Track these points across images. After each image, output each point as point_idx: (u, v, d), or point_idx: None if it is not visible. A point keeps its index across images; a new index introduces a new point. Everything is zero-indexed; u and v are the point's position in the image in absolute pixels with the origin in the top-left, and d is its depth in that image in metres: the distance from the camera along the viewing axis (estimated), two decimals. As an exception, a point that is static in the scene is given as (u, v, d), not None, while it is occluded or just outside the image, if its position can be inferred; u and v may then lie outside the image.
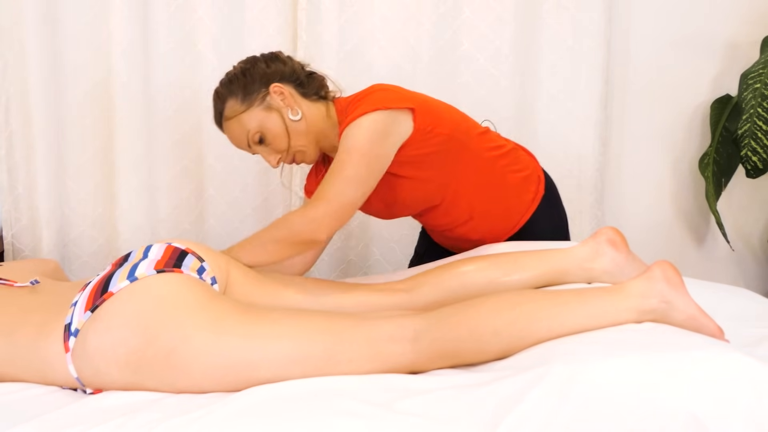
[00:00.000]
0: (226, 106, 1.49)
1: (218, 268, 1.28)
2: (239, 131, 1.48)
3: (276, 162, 1.50)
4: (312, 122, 1.50)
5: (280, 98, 1.47)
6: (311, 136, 1.51)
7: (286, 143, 1.48)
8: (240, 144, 1.51)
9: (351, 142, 1.39)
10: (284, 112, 1.47)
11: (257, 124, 1.46)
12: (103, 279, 1.15)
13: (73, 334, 1.10)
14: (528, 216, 1.63)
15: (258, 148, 1.50)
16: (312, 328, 1.10)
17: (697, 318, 1.09)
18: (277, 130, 1.47)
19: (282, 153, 1.50)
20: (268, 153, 1.50)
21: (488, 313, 1.10)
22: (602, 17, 2.14)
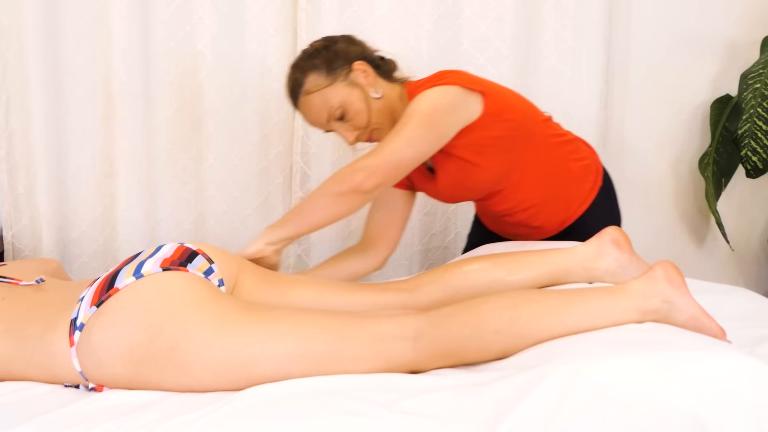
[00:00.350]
0: (307, 80, 1.48)
1: (228, 270, 1.28)
2: (321, 106, 1.48)
3: (354, 139, 1.52)
4: (389, 102, 1.53)
5: (363, 76, 1.49)
6: (388, 115, 1.53)
7: (367, 120, 1.50)
8: (318, 119, 1.51)
9: (415, 106, 1.43)
10: (366, 90, 1.49)
11: (341, 99, 1.47)
12: (110, 275, 1.17)
13: (78, 329, 1.11)
14: (586, 205, 1.66)
15: (337, 125, 1.51)
16: (314, 326, 1.10)
17: (698, 318, 1.09)
18: (360, 106, 1.48)
19: (360, 130, 1.52)
20: (347, 129, 1.51)
21: (490, 313, 1.11)
22: (602, 17, 2.14)
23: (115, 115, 2.05)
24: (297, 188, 2.18)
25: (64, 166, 2.08)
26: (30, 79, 1.97)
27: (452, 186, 1.58)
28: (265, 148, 2.17)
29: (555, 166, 1.61)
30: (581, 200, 1.66)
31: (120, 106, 2.04)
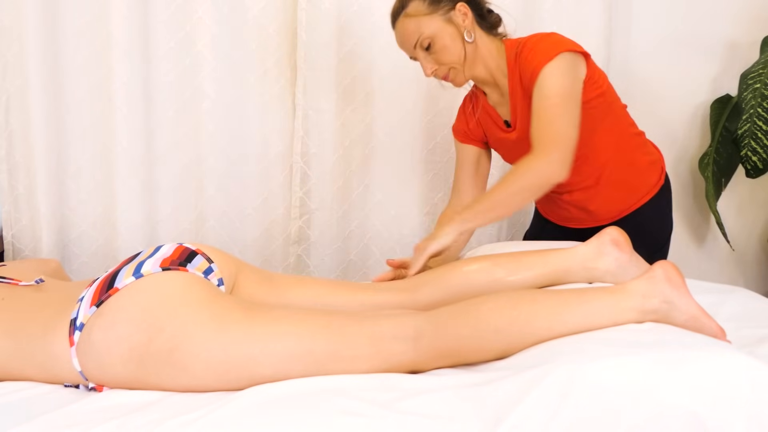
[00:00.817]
0: (411, 3, 1.53)
1: (227, 270, 1.29)
2: (413, 31, 1.53)
3: (431, 72, 1.56)
4: (480, 52, 1.57)
5: (462, 18, 1.53)
6: (473, 63, 1.57)
7: (450, 59, 1.54)
8: (407, 43, 1.56)
9: (552, 85, 1.46)
10: (461, 31, 1.53)
11: (433, 31, 1.52)
12: (110, 275, 1.17)
13: (78, 329, 1.11)
14: (645, 200, 1.69)
15: (422, 54, 1.55)
16: (313, 326, 1.10)
17: (698, 318, 1.09)
18: (449, 43, 1.53)
19: (441, 66, 1.56)
20: (429, 61, 1.56)
21: (489, 313, 1.11)
22: (602, 17, 2.15)
23: (115, 115, 2.05)
24: (297, 188, 2.18)
25: (64, 166, 2.08)
26: (30, 79, 1.97)
27: (527, 140, 1.58)
28: (265, 148, 2.17)
29: (624, 152, 1.65)
30: (642, 194, 1.68)
31: (120, 106, 2.04)
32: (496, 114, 1.66)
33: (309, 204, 2.21)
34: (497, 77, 1.60)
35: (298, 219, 2.21)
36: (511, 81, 1.57)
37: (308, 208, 2.21)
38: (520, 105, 1.57)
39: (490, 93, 1.66)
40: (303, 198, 2.19)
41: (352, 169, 2.22)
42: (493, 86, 1.63)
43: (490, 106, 1.67)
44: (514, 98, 1.58)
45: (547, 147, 1.45)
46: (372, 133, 2.19)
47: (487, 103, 1.67)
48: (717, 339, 1.06)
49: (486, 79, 1.62)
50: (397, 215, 2.25)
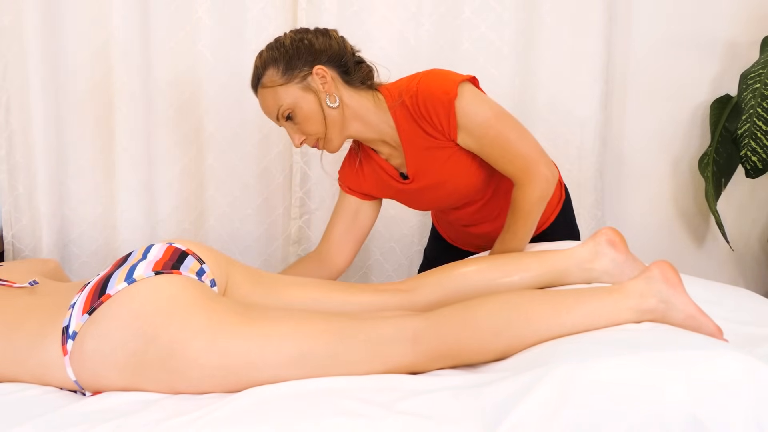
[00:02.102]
0: (265, 74, 1.44)
1: (218, 269, 1.27)
2: (272, 102, 1.44)
3: (299, 142, 1.47)
4: (351, 112, 1.46)
5: (321, 81, 1.42)
6: (343, 126, 1.47)
7: (315, 128, 1.45)
8: (269, 114, 1.48)
9: (478, 116, 1.41)
10: (322, 97, 1.43)
11: (291, 101, 1.42)
12: (101, 280, 1.15)
13: (71, 337, 1.09)
14: (552, 218, 1.67)
15: (285, 124, 1.47)
16: (312, 329, 1.10)
17: (695, 317, 1.09)
18: (310, 112, 1.43)
19: (308, 136, 1.47)
20: (294, 131, 1.47)
21: (488, 314, 1.11)
22: (602, 17, 2.14)
23: (115, 115, 2.05)
24: (297, 188, 2.18)
25: (64, 166, 2.09)
26: (30, 79, 1.97)
27: (431, 187, 1.54)
28: (265, 148, 2.17)
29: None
30: (548, 215, 1.66)
31: (120, 106, 2.04)
32: (389, 167, 1.55)
33: (309, 204, 2.21)
34: (383, 131, 1.49)
35: (298, 219, 2.21)
36: (403, 134, 1.47)
37: (308, 208, 2.21)
38: (421, 157, 1.49)
39: (378, 148, 1.55)
40: (303, 198, 2.19)
41: (352, 169, 2.22)
42: (381, 142, 1.52)
43: (382, 159, 1.56)
44: (410, 150, 1.49)
45: (527, 173, 1.42)
46: (372, 133, 2.19)
47: (379, 157, 1.56)
48: (714, 338, 1.06)
49: (369, 137, 1.50)
50: (396, 215, 2.25)
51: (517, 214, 1.46)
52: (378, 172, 1.58)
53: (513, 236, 1.47)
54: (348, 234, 1.62)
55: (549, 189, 1.45)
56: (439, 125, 1.43)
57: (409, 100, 1.44)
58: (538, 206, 1.45)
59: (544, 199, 1.46)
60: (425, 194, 1.56)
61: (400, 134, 1.48)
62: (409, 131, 1.47)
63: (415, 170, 1.52)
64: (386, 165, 1.56)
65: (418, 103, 1.43)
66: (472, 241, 1.72)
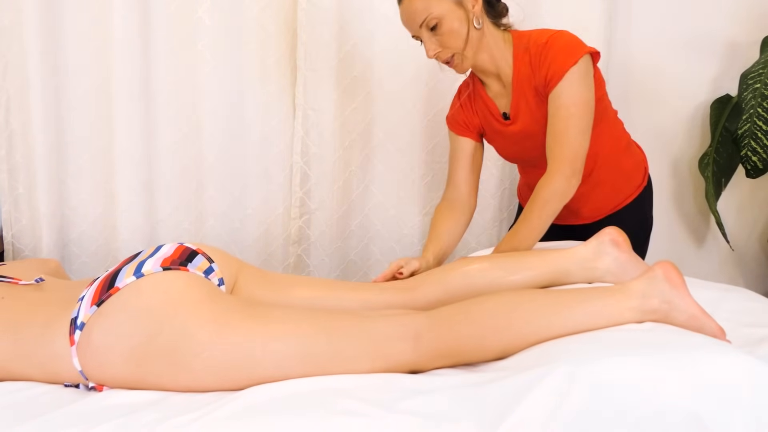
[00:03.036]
0: None
1: (228, 269, 1.28)
2: (422, 9, 1.47)
3: (433, 54, 1.51)
4: (485, 40, 1.53)
5: (473, 2, 1.48)
6: (478, 50, 1.53)
7: (456, 43, 1.50)
8: (412, 21, 1.50)
9: (572, 94, 1.46)
10: (470, 16, 1.49)
11: (442, 12, 1.46)
12: (110, 274, 1.17)
13: (78, 328, 1.11)
14: (629, 200, 1.71)
15: (426, 34, 1.50)
16: (314, 326, 1.10)
17: (698, 318, 1.09)
18: (457, 27, 1.48)
19: (445, 49, 1.51)
20: (433, 42, 1.50)
21: (489, 312, 1.11)
22: (602, 17, 2.15)
23: (115, 115, 2.06)
24: (297, 188, 2.18)
25: (64, 166, 2.09)
26: (30, 79, 1.98)
27: (524, 134, 1.59)
28: (265, 148, 2.17)
29: (614, 155, 1.65)
30: (626, 195, 1.70)
31: (120, 106, 2.05)
32: (493, 105, 1.63)
33: (309, 204, 2.21)
34: (501, 68, 1.57)
35: (298, 219, 2.21)
36: (516, 74, 1.55)
37: (308, 208, 2.21)
38: (524, 99, 1.55)
39: (489, 84, 1.62)
40: (303, 198, 2.19)
41: (352, 169, 2.22)
42: (495, 77, 1.60)
43: (489, 97, 1.64)
44: (518, 92, 1.56)
45: (563, 164, 1.46)
46: (372, 133, 2.19)
47: (486, 94, 1.64)
48: (717, 338, 1.06)
49: (488, 69, 1.58)
50: (397, 215, 2.25)
51: (535, 202, 1.48)
52: (483, 110, 1.65)
53: (527, 227, 1.49)
54: (471, 174, 1.70)
55: (569, 189, 1.48)
56: (546, 75, 1.48)
57: (535, 47, 1.51)
58: (555, 198, 1.47)
59: (564, 195, 1.48)
60: (519, 140, 1.61)
61: (514, 75, 1.55)
62: (523, 74, 1.54)
63: (516, 112, 1.58)
64: (491, 103, 1.63)
65: (543, 50, 1.49)
66: None
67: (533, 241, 1.50)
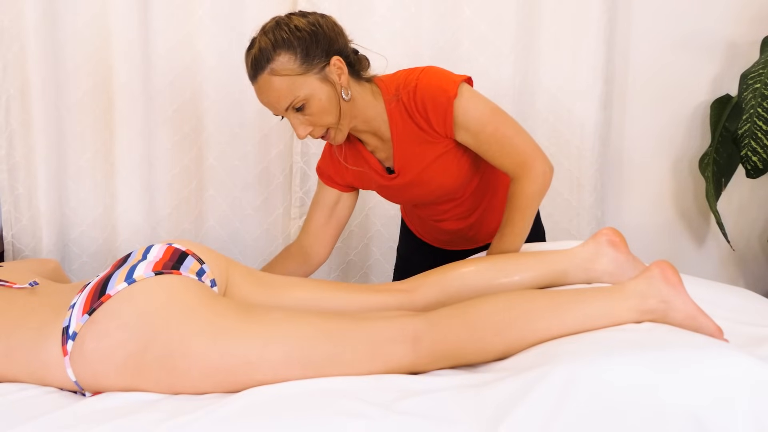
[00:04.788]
0: (277, 59, 1.32)
1: (218, 269, 1.26)
2: (285, 92, 1.34)
3: (305, 133, 1.39)
4: (356, 104, 1.42)
5: (338, 73, 1.37)
6: (351, 119, 1.43)
7: (329, 119, 1.39)
8: (276, 104, 1.37)
9: (476, 115, 1.41)
10: (338, 89, 1.38)
11: (308, 92, 1.34)
12: (101, 281, 1.14)
13: (71, 338, 1.08)
14: None
15: (293, 115, 1.38)
16: (312, 329, 1.09)
17: (696, 317, 1.09)
18: (326, 104, 1.36)
19: (317, 128, 1.40)
20: (302, 122, 1.38)
21: (488, 314, 1.10)
22: (602, 17, 2.15)
23: (115, 115, 2.06)
24: (297, 188, 2.18)
25: (64, 166, 2.09)
26: (30, 79, 1.98)
27: (414, 184, 1.52)
28: (265, 148, 2.17)
29: (502, 179, 1.61)
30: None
31: (120, 106, 2.05)
32: (375, 161, 1.53)
33: (309, 204, 2.20)
34: (377, 126, 1.47)
35: (298, 219, 2.21)
36: (395, 129, 1.46)
37: (308, 208, 2.21)
38: (409, 150, 1.47)
39: (367, 140, 1.51)
40: (303, 198, 2.19)
41: (352, 169, 2.22)
42: (371, 134, 1.49)
43: (368, 152, 1.53)
44: (400, 145, 1.47)
45: (524, 167, 1.43)
46: (372, 133, 2.19)
47: (365, 149, 1.53)
48: (715, 338, 1.06)
49: (363, 128, 1.47)
50: (397, 215, 2.25)
51: (515, 208, 1.46)
52: (362, 166, 1.56)
53: (511, 231, 1.47)
54: (327, 226, 1.62)
55: (545, 183, 1.45)
56: (435, 123, 1.42)
57: (406, 96, 1.42)
58: (534, 200, 1.45)
59: (541, 193, 1.46)
60: (408, 190, 1.56)
61: (392, 128, 1.46)
62: (401, 126, 1.45)
63: (401, 165, 1.50)
64: (371, 159, 1.54)
65: (416, 99, 1.41)
66: (440, 237, 1.71)
67: (520, 244, 1.48)
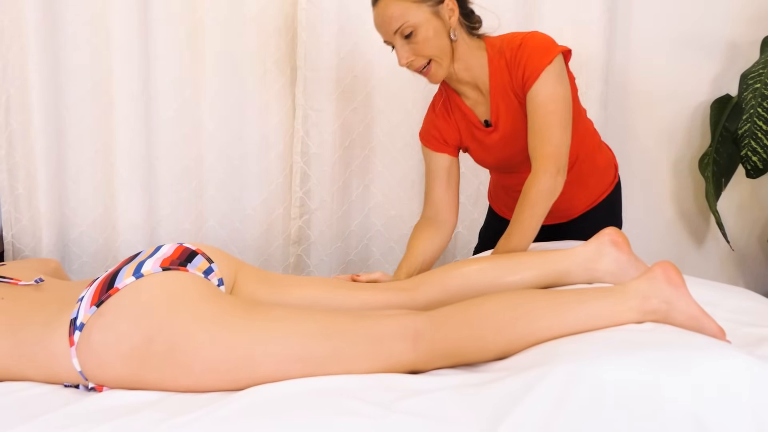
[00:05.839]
0: None
1: (227, 269, 1.28)
2: (397, 16, 1.44)
3: (407, 62, 1.49)
4: (460, 50, 1.52)
5: (449, 13, 1.47)
6: (453, 61, 1.52)
7: (431, 52, 1.48)
8: (387, 26, 1.47)
9: (550, 92, 1.46)
10: (446, 26, 1.47)
11: (418, 20, 1.44)
12: (110, 275, 1.16)
13: (78, 329, 1.10)
14: (602, 198, 1.71)
15: (400, 41, 1.47)
16: (314, 327, 1.10)
17: (698, 318, 1.09)
18: (432, 36, 1.46)
19: (419, 57, 1.49)
20: (406, 50, 1.48)
21: (489, 313, 1.11)
22: (602, 17, 2.15)
23: (115, 115, 2.06)
24: (297, 188, 2.18)
25: (64, 167, 2.09)
26: (30, 79, 1.98)
27: (507, 139, 1.58)
28: (265, 148, 2.17)
29: (587, 153, 1.66)
30: (599, 193, 1.71)
31: (120, 106, 2.05)
32: (472, 114, 1.61)
33: (309, 204, 2.21)
34: (477, 76, 1.56)
35: (298, 219, 2.21)
36: (494, 80, 1.54)
37: (308, 208, 2.21)
38: (503, 104, 1.55)
39: (466, 92, 1.60)
40: (303, 198, 2.19)
41: (352, 169, 2.22)
42: (471, 86, 1.58)
43: (467, 106, 1.62)
44: (496, 98, 1.55)
45: (547, 163, 1.45)
46: (372, 133, 2.19)
47: (463, 103, 1.62)
48: (717, 339, 1.06)
49: (464, 78, 1.57)
50: (397, 215, 2.25)
51: (525, 204, 1.47)
52: (462, 120, 1.63)
53: (519, 229, 1.48)
54: (448, 191, 1.66)
55: (556, 187, 1.46)
56: (522, 76, 1.48)
57: (510, 51, 1.50)
58: (544, 198, 1.46)
59: (551, 194, 1.47)
60: (500, 147, 1.60)
61: (491, 82, 1.54)
62: (499, 79, 1.53)
63: (497, 118, 1.57)
64: (470, 112, 1.61)
65: (518, 53, 1.48)
66: None
67: (527, 243, 1.49)
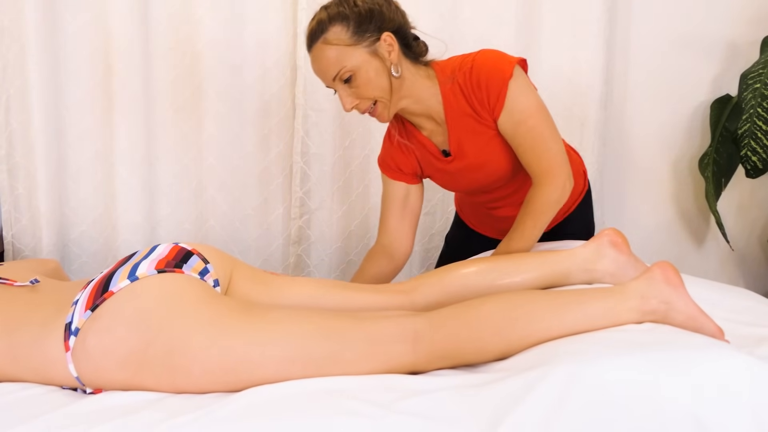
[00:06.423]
0: (331, 29, 1.39)
1: (222, 270, 1.27)
2: (334, 61, 1.39)
3: (351, 106, 1.44)
4: (407, 84, 1.46)
5: (388, 50, 1.41)
6: (399, 97, 1.46)
7: (374, 93, 1.43)
8: (325, 74, 1.43)
9: (524, 105, 1.42)
10: (387, 65, 1.42)
11: (356, 63, 1.39)
12: (104, 278, 1.15)
13: (73, 333, 1.09)
14: (575, 206, 1.68)
15: (341, 86, 1.43)
16: (312, 328, 1.10)
17: (697, 318, 1.09)
18: (373, 77, 1.41)
19: (363, 100, 1.44)
20: (348, 94, 1.43)
21: (489, 314, 1.11)
22: (602, 17, 2.15)
23: (115, 115, 2.06)
24: (297, 188, 2.18)
25: (64, 167, 2.09)
26: (30, 79, 1.98)
27: (471, 167, 1.54)
28: (265, 148, 2.18)
29: None
30: (571, 202, 1.67)
31: (120, 106, 2.05)
32: (431, 144, 1.56)
33: (309, 204, 2.21)
34: (431, 107, 1.50)
35: (298, 219, 2.21)
36: (448, 108, 1.48)
37: (308, 208, 2.21)
38: (464, 131, 1.49)
39: (422, 124, 1.55)
40: (303, 198, 2.19)
41: (352, 169, 2.22)
42: (426, 117, 1.52)
43: (424, 136, 1.56)
44: (454, 126, 1.49)
45: (552, 175, 1.43)
46: (372, 133, 2.19)
47: (420, 134, 1.57)
48: (716, 339, 1.06)
49: (416, 111, 1.51)
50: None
51: (529, 212, 1.45)
52: (420, 150, 1.58)
53: (521, 235, 1.46)
54: (403, 221, 1.63)
55: (564, 195, 1.45)
56: (487, 100, 1.43)
57: (462, 76, 1.45)
58: (551, 208, 1.45)
59: (558, 204, 1.45)
60: (464, 174, 1.57)
61: (446, 110, 1.49)
62: (456, 107, 1.47)
63: (456, 147, 1.52)
64: (428, 142, 1.56)
65: (471, 78, 1.44)
66: (495, 225, 1.71)
67: (528, 249, 1.48)
